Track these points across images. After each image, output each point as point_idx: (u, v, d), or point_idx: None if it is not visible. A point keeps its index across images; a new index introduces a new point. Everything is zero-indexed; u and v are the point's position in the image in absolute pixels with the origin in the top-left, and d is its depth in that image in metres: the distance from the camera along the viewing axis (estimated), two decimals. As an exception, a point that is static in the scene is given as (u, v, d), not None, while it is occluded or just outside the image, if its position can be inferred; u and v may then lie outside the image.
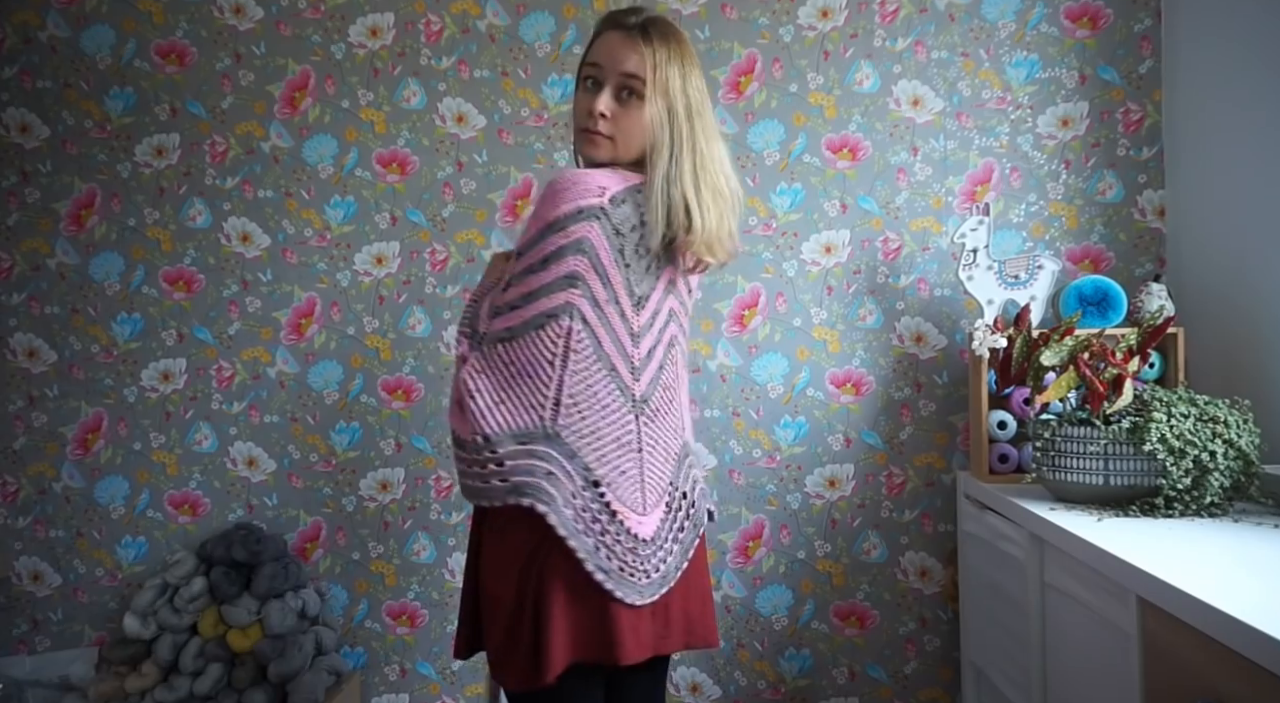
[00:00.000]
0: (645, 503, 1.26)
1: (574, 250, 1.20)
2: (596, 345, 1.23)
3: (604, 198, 1.21)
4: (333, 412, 2.20)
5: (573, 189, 1.21)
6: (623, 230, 1.23)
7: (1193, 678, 1.03)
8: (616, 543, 1.21)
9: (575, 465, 1.21)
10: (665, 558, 1.27)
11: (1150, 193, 2.08)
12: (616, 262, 1.23)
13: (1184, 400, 1.53)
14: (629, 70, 1.25)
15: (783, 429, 2.15)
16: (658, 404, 1.29)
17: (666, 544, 1.28)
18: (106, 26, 2.21)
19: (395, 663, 2.20)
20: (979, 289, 1.92)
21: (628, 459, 1.25)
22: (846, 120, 2.14)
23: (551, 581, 1.20)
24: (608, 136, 1.27)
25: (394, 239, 2.20)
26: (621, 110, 1.26)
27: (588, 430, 1.22)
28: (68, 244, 2.22)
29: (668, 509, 1.29)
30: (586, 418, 1.22)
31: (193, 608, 2.01)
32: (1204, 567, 1.14)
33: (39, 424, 2.22)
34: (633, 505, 1.24)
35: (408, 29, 2.19)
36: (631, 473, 1.25)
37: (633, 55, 1.25)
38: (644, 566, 1.23)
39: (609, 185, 1.23)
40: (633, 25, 1.28)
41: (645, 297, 1.27)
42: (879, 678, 2.13)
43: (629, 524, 1.23)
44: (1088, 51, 2.09)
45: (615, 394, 1.24)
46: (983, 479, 1.87)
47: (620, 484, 1.24)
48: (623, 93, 1.26)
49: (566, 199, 1.20)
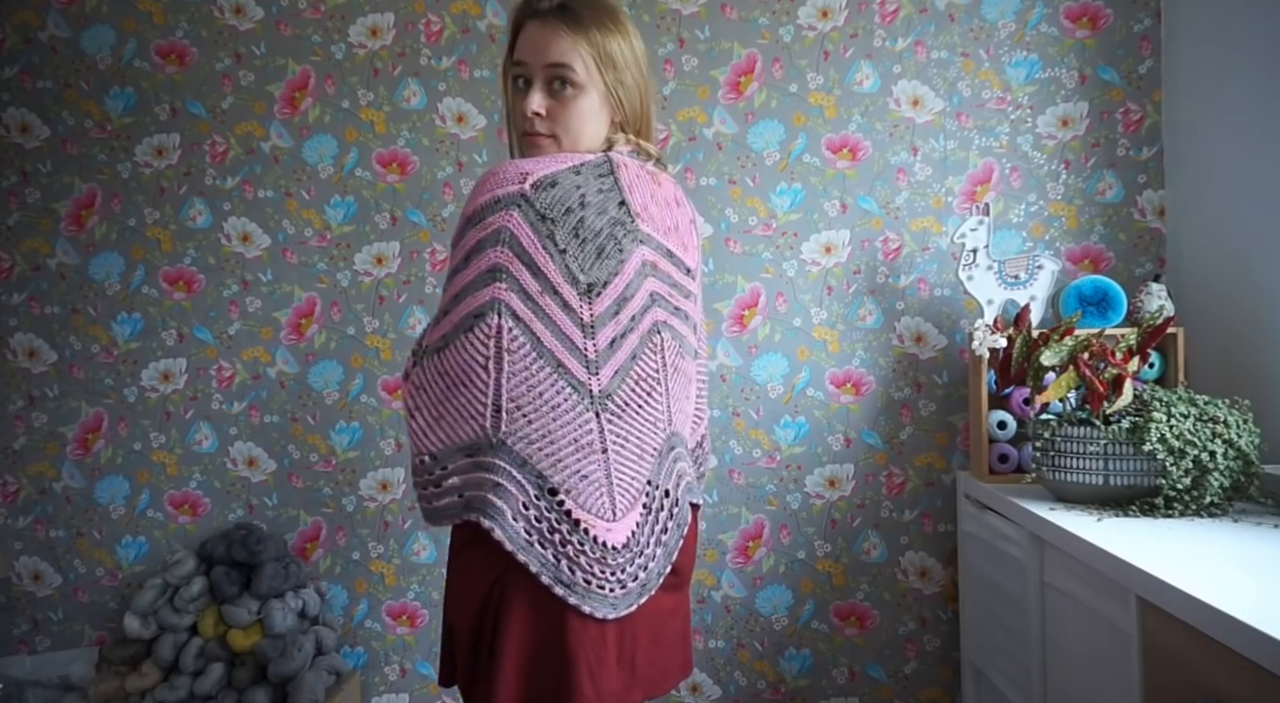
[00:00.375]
0: (615, 508, 1.15)
1: (492, 242, 1.10)
2: (534, 341, 1.11)
3: (525, 184, 1.11)
4: (333, 412, 2.20)
5: (491, 180, 1.14)
6: (551, 215, 1.11)
7: (1193, 678, 1.03)
8: (580, 554, 1.11)
9: (526, 474, 1.11)
10: (645, 565, 1.17)
11: (1150, 193, 2.08)
12: (546, 248, 1.11)
13: (1184, 400, 1.53)
14: (553, 60, 1.16)
15: (783, 429, 2.15)
16: (626, 398, 1.17)
17: (647, 549, 1.18)
18: (107, 26, 2.21)
19: (395, 663, 2.20)
20: (979, 289, 1.92)
21: (589, 462, 1.14)
22: (846, 120, 2.14)
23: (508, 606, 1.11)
24: (549, 136, 1.19)
25: (394, 239, 2.20)
26: (557, 104, 1.18)
27: (537, 435, 1.12)
28: (68, 244, 2.22)
29: (645, 511, 1.19)
30: (534, 421, 1.12)
31: (193, 608, 2.01)
32: (1204, 567, 1.14)
33: (39, 424, 2.22)
34: (599, 512, 1.14)
35: (408, 29, 2.19)
36: (595, 476, 1.14)
37: (556, 42, 1.15)
38: (616, 575, 1.14)
39: (534, 170, 1.13)
40: (547, 10, 1.17)
41: (602, 283, 1.15)
42: (879, 678, 2.14)
43: (595, 532, 1.12)
44: (1088, 51, 2.09)
45: (567, 392, 1.13)
46: (983, 479, 1.87)
47: (582, 490, 1.13)
48: (554, 85, 1.17)
49: (483, 191, 1.13)
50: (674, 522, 1.22)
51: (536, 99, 1.17)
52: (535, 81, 1.18)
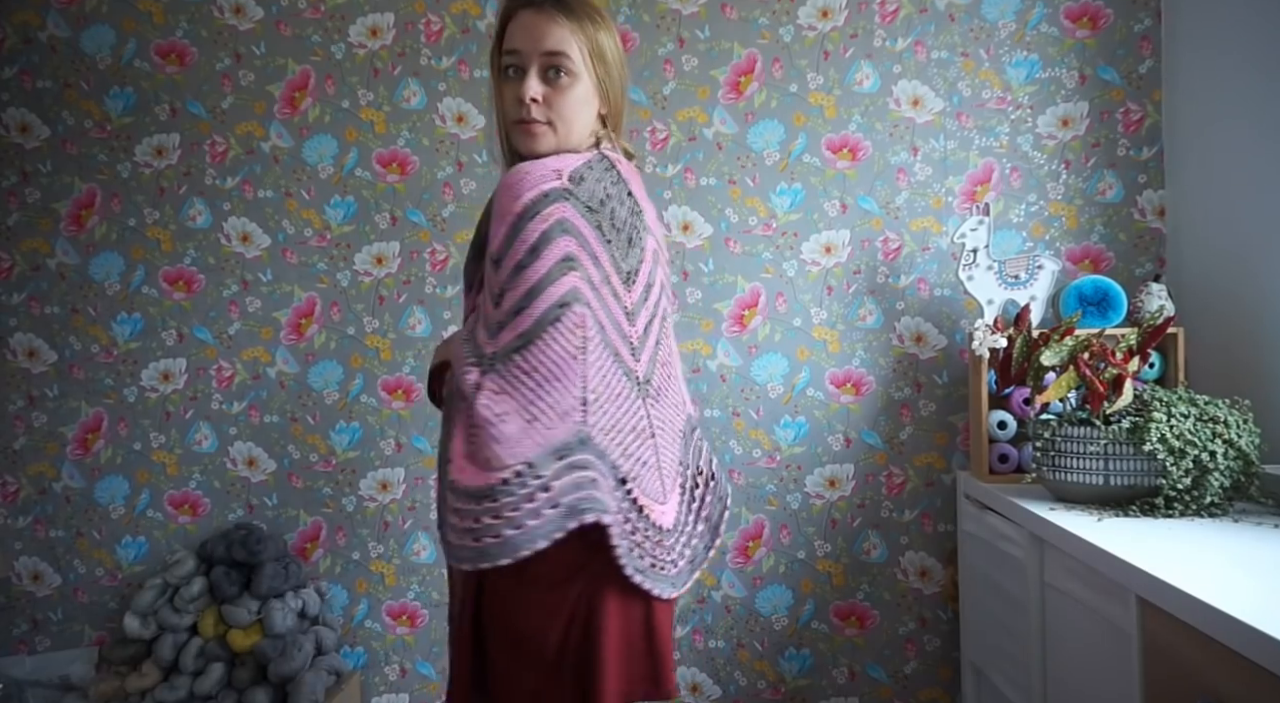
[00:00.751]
0: (665, 490, 1.18)
1: (559, 231, 1.09)
2: (602, 331, 1.12)
3: (563, 179, 1.12)
4: (333, 412, 2.20)
5: (526, 179, 1.11)
6: (593, 206, 1.13)
7: (1193, 678, 1.03)
8: (646, 539, 1.14)
9: (606, 466, 1.10)
10: (690, 541, 1.21)
11: (1150, 193, 2.08)
12: (599, 239, 1.13)
13: (1184, 400, 1.53)
14: (551, 48, 1.15)
15: (783, 429, 2.15)
16: (660, 383, 1.21)
17: (690, 527, 1.21)
18: (106, 26, 2.21)
19: (395, 663, 2.20)
20: (979, 289, 1.92)
21: (645, 447, 1.16)
22: (846, 120, 2.14)
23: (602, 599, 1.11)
24: (545, 122, 1.18)
25: (394, 239, 2.20)
26: (553, 92, 1.17)
27: (610, 425, 1.11)
28: (68, 244, 2.22)
29: (683, 491, 1.22)
30: (608, 412, 1.11)
31: (193, 608, 2.01)
32: (1204, 567, 1.14)
33: (39, 424, 2.22)
34: (654, 495, 1.16)
35: (408, 29, 2.19)
36: (650, 462, 1.16)
37: (554, 30, 1.15)
38: (669, 555, 1.17)
39: (561, 166, 1.13)
40: (543, 1, 1.18)
41: (634, 271, 1.18)
42: (879, 678, 2.14)
43: (653, 516, 1.15)
44: (1088, 51, 2.09)
45: (624, 380, 1.14)
46: (983, 479, 1.87)
47: (643, 476, 1.15)
48: (549, 73, 1.17)
49: (525, 188, 1.10)
50: (713, 496, 1.25)
51: (534, 85, 1.16)
52: (531, 69, 1.17)
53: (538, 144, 1.18)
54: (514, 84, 1.18)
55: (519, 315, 1.09)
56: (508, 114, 1.21)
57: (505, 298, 1.10)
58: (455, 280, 2.19)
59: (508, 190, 1.11)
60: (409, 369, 2.19)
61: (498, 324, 1.11)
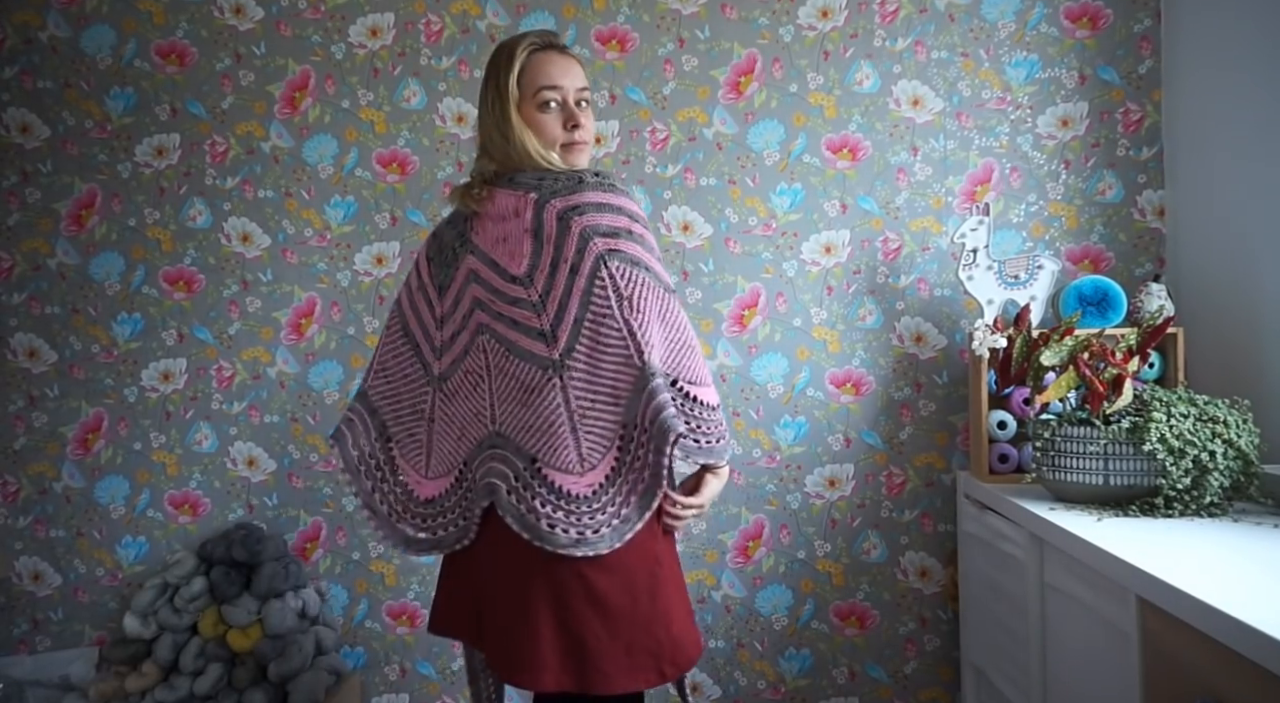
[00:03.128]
0: (429, 468, 1.41)
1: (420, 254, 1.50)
2: (405, 323, 1.46)
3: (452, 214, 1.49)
4: (333, 412, 2.20)
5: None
6: (437, 231, 1.47)
7: (1193, 678, 1.03)
8: (391, 492, 1.41)
9: (374, 421, 1.44)
10: (446, 526, 1.37)
11: (1150, 193, 2.08)
12: (430, 256, 1.45)
13: (1184, 400, 1.53)
14: (583, 85, 1.41)
15: (783, 429, 2.15)
16: (456, 385, 1.39)
17: (450, 514, 1.37)
18: (107, 26, 2.21)
19: (395, 663, 2.20)
20: (979, 289, 1.92)
21: (419, 425, 1.43)
22: (846, 120, 2.14)
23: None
24: (587, 142, 1.42)
25: (394, 239, 2.20)
26: (586, 117, 1.41)
27: (390, 393, 1.45)
28: (68, 244, 2.22)
29: (456, 482, 1.38)
30: (391, 382, 1.45)
31: (193, 608, 2.01)
32: (1204, 567, 1.14)
33: (39, 424, 2.22)
34: (415, 467, 1.43)
35: (408, 29, 2.19)
36: (420, 438, 1.43)
37: (580, 71, 1.41)
38: (415, 520, 1.39)
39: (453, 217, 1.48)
40: (560, 46, 1.42)
41: (445, 285, 1.41)
42: (879, 678, 2.14)
43: (406, 480, 1.42)
44: (1087, 51, 2.09)
45: (416, 367, 1.44)
46: (983, 479, 1.87)
47: (407, 444, 1.44)
48: (580, 105, 1.40)
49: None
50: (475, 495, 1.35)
51: (578, 113, 1.39)
52: (569, 102, 1.38)
53: (582, 160, 1.41)
54: (557, 114, 1.38)
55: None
56: (556, 139, 1.39)
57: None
58: (455, 280, 2.19)
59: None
60: (409, 369, 2.19)
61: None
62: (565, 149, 1.40)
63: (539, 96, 1.37)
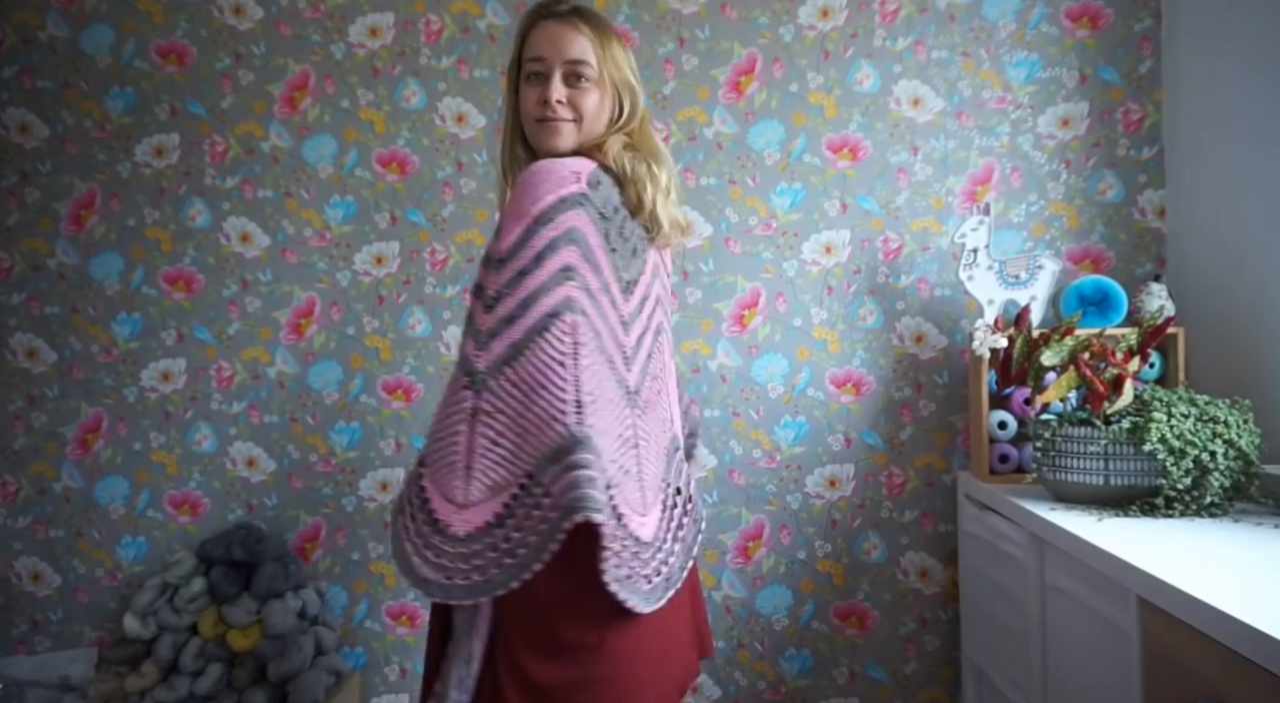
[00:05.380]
0: (645, 502, 1.16)
1: (566, 241, 1.13)
2: (597, 337, 1.14)
3: (581, 183, 1.16)
4: (332, 412, 2.20)
5: (549, 179, 1.15)
6: (606, 214, 1.18)
7: (1193, 678, 1.03)
8: (624, 549, 1.10)
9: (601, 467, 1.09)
10: (667, 560, 1.17)
11: (1150, 193, 2.08)
12: (604, 247, 1.17)
13: (1184, 400, 1.53)
14: (575, 56, 1.23)
15: (783, 429, 2.15)
16: (648, 396, 1.21)
17: (667, 545, 1.18)
18: (106, 26, 2.21)
19: (395, 663, 2.20)
20: (979, 289, 1.92)
21: (629, 456, 1.15)
22: (846, 120, 2.14)
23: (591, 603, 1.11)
24: (570, 121, 1.25)
25: (394, 239, 2.20)
26: (577, 93, 1.25)
27: (603, 429, 1.11)
28: (68, 244, 2.22)
29: (663, 508, 1.21)
30: (602, 415, 1.11)
31: (193, 608, 2.01)
32: (1204, 567, 1.14)
33: (39, 424, 2.22)
34: (635, 506, 1.14)
35: (408, 29, 2.19)
36: (633, 471, 1.15)
37: (577, 39, 1.24)
38: (644, 570, 1.13)
39: (581, 169, 1.18)
40: (565, 12, 1.26)
41: (634, 281, 1.22)
42: (879, 678, 2.13)
43: (632, 527, 1.12)
44: (1088, 51, 2.09)
45: (615, 388, 1.16)
46: (983, 479, 1.87)
47: (625, 484, 1.13)
48: (571, 78, 1.24)
49: (545, 191, 1.14)
50: (689, 518, 1.24)
51: (558, 87, 1.23)
52: (554, 74, 1.24)
53: (561, 139, 1.24)
54: (537, 87, 1.25)
55: (511, 325, 1.11)
56: (530, 114, 1.26)
57: (500, 304, 1.12)
58: (455, 280, 2.19)
59: (528, 189, 1.15)
60: (409, 369, 2.19)
61: (489, 333, 1.12)
62: (538, 126, 1.26)
63: (525, 68, 1.27)
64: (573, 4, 1.28)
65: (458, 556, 1.08)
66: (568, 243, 1.13)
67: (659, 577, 1.16)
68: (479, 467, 1.09)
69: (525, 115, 1.27)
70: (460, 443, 1.10)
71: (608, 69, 1.26)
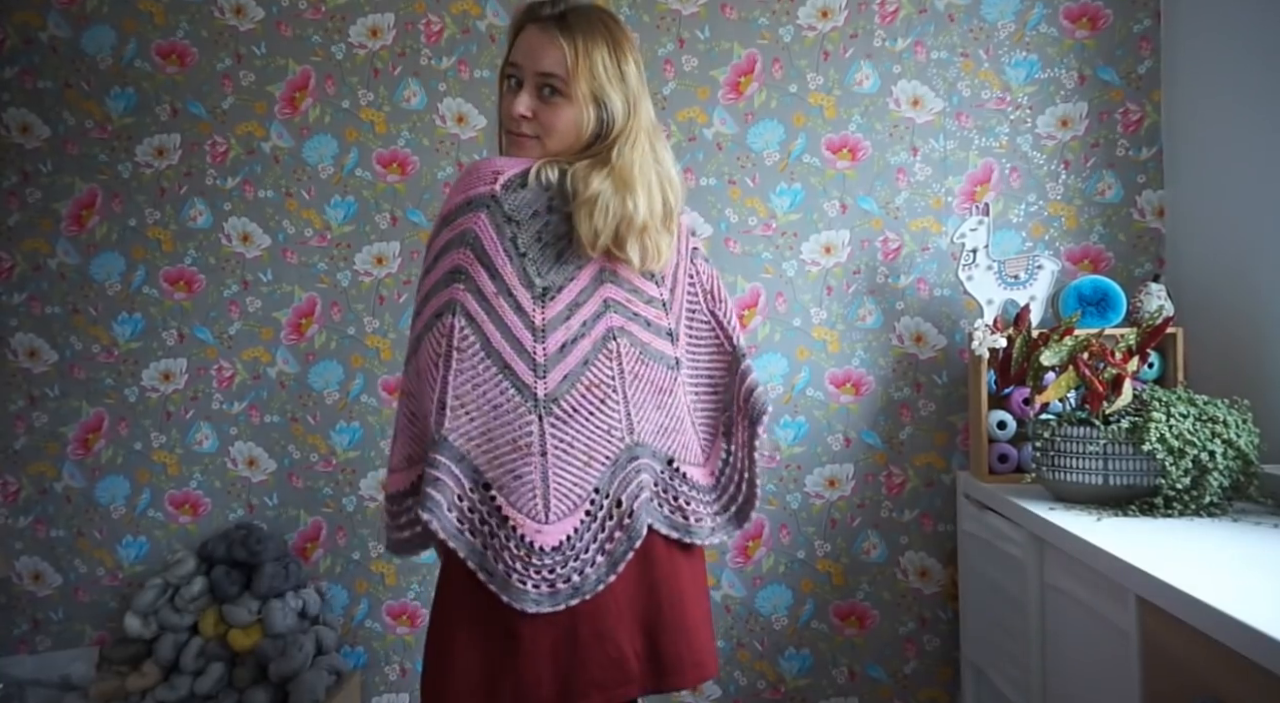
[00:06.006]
0: (549, 511, 1.16)
1: (458, 244, 1.16)
2: (484, 341, 1.15)
3: (496, 184, 1.16)
4: (333, 412, 2.21)
5: (466, 179, 1.19)
6: (517, 217, 1.16)
7: (1192, 678, 1.03)
8: (505, 549, 1.14)
9: (464, 468, 1.16)
10: (582, 569, 1.17)
11: (1149, 193, 2.08)
12: (508, 251, 1.16)
13: (1183, 400, 1.53)
14: (545, 69, 1.19)
15: (782, 429, 2.15)
16: (574, 404, 1.18)
17: (585, 554, 1.17)
18: (107, 27, 2.21)
19: (395, 663, 2.20)
20: (978, 289, 1.92)
21: (525, 463, 1.16)
22: (846, 120, 2.14)
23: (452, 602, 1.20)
24: (533, 137, 1.23)
25: (394, 239, 2.20)
26: (544, 107, 1.21)
27: (477, 432, 1.16)
28: (68, 244, 2.22)
29: (589, 517, 1.19)
30: (475, 419, 1.16)
31: (193, 608, 2.01)
32: (1203, 567, 1.14)
33: (40, 424, 2.22)
34: (529, 512, 1.15)
35: (408, 29, 2.19)
36: (529, 478, 1.16)
37: (550, 51, 1.19)
38: (539, 574, 1.14)
39: (506, 169, 1.18)
40: (549, 17, 1.21)
41: (556, 287, 1.18)
42: (879, 678, 2.14)
43: (522, 531, 1.14)
44: (1087, 52, 2.09)
45: (511, 393, 1.16)
46: (982, 479, 1.87)
47: (515, 489, 1.15)
48: (543, 91, 1.21)
49: (459, 191, 1.19)
50: (623, 533, 1.20)
51: (524, 101, 1.22)
52: (526, 84, 1.22)
53: (525, 154, 1.24)
54: (511, 96, 1.24)
55: (415, 319, 1.22)
56: (504, 123, 1.27)
57: (416, 299, 1.24)
58: (455, 280, 2.19)
59: (452, 189, 1.22)
60: (409, 369, 2.19)
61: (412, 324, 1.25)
62: (508, 137, 1.26)
63: (505, 71, 1.26)
64: (563, 6, 1.23)
65: (388, 512, 1.27)
66: (460, 245, 1.16)
67: (565, 584, 1.16)
68: (400, 439, 1.25)
69: (501, 122, 1.28)
70: (399, 414, 1.27)
71: (579, 83, 1.19)
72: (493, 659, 1.16)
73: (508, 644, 1.16)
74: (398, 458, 1.26)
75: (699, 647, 1.27)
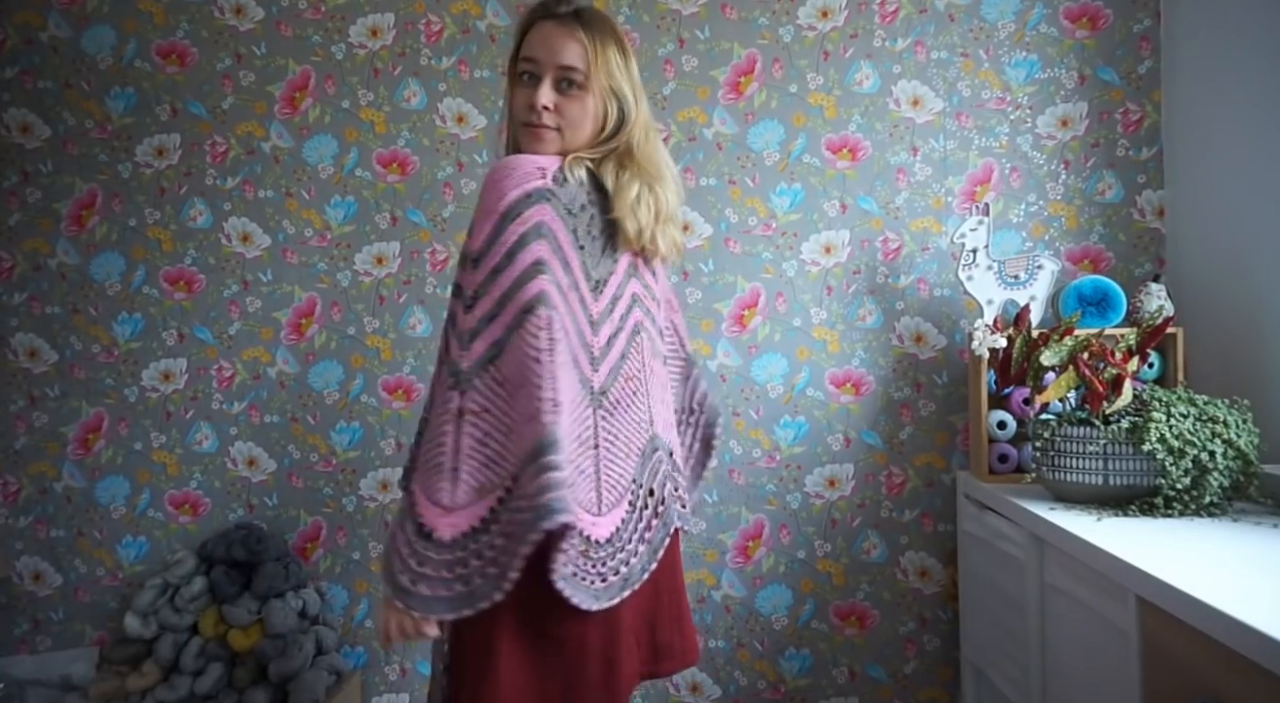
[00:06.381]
0: (601, 503, 1.16)
1: (535, 236, 1.12)
2: (566, 335, 1.13)
3: (546, 179, 1.16)
4: (333, 412, 2.21)
5: (513, 175, 1.15)
6: (573, 210, 1.18)
7: (1192, 678, 1.03)
8: (570, 547, 1.09)
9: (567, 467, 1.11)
10: (628, 560, 1.18)
11: (1150, 193, 2.08)
12: (572, 243, 1.17)
13: (1183, 400, 1.53)
14: (567, 63, 1.21)
15: (782, 429, 2.15)
16: (617, 397, 1.20)
17: (630, 545, 1.19)
18: (107, 27, 2.21)
19: (395, 663, 2.20)
20: (979, 289, 1.92)
21: (586, 457, 1.15)
22: (846, 120, 2.14)
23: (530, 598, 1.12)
24: (554, 129, 1.22)
25: (394, 239, 2.20)
26: (564, 101, 1.22)
27: (564, 429, 1.10)
28: (69, 244, 2.22)
29: (630, 508, 1.21)
30: (563, 415, 1.10)
31: (193, 608, 2.01)
32: (1203, 567, 1.14)
33: (40, 424, 2.22)
34: (587, 506, 1.14)
35: (408, 29, 2.19)
36: (588, 471, 1.16)
37: (571, 45, 1.21)
38: (594, 569, 1.13)
39: (547, 165, 1.18)
40: (565, 14, 1.23)
41: (603, 280, 1.21)
42: (879, 678, 2.14)
43: (582, 526, 1.12)
44: (1087, 52, 2.09)
45: (579, 388, 1.15)
46: (982, 479, 1.87)
47: (580, 485, 1.13)
48: (562, 84, 1.22)
49: (511, 184, 1.14)
50: (659, 521, 1.24)
51: (546, 93, 1.21)
52: (545, 77, 1.22)
53: (543, 146, 1.23)
54: (528, 89, 1.23)
55: (492, 323, 1.12)
56: (517, 116, 1.27)
57: (478, 303, 1.13)
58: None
59: (493, 186, 1.15)
60: (409, 369, 2.20)
61: (470, 333, 1.12)
62: (523, 130, 1.25)
63: (519, 68, 1.25)
64: (575, 5, 1.25)
65: (442, 563, 1.06)
66: (537, 237, 1.12)
67: (616, 576, 1.16)
68: (466, 468, 1.08)
69: (514, 116, 1.27)
70: (447, 444, 1.08)
71: (599, 76, 1.22)
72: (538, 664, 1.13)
73: (554, 647, 1.13)
74: (463, 492, 1.08)
75: (688, 633, 1.33)
